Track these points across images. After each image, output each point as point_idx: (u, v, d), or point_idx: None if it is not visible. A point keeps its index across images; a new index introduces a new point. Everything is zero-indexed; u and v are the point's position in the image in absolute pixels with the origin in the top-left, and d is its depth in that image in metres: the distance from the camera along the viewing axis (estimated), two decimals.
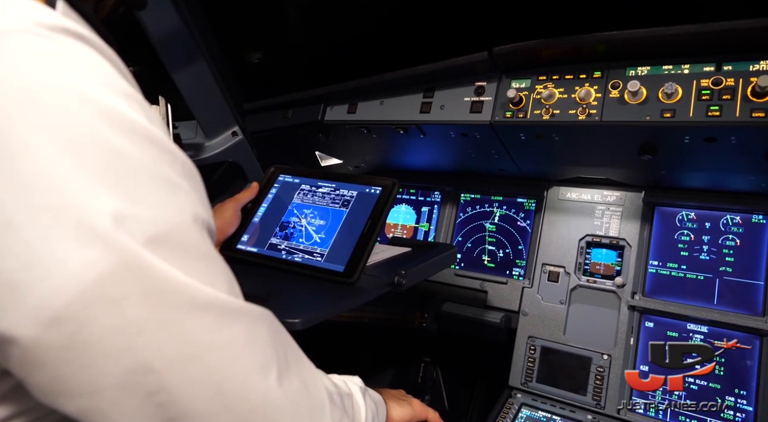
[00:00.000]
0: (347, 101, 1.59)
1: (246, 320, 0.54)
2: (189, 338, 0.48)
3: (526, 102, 1.28)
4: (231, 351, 0.51)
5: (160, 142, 0.51)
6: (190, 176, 0.55)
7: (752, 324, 1.32)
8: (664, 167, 1.33)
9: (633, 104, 1.15)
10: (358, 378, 0.92)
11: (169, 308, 0.47)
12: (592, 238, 1.57)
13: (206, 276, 0.51)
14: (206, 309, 0.50)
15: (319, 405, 0.65)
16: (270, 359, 0.56)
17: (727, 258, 1.41)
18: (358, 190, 1.32)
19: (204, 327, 0.49)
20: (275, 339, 0.59)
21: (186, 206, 0.51)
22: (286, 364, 0.59)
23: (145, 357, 0.46)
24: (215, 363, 0.50)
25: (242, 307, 0.54)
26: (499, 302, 1.65)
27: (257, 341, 0.55)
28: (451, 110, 1.39)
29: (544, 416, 1.42)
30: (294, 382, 0.59)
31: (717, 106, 1.06)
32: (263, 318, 0.58)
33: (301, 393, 0.60)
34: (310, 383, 0.64)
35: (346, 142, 1.71)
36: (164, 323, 0.47)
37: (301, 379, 0.62)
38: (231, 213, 1.26)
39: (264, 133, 1.79)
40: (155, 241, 0.47)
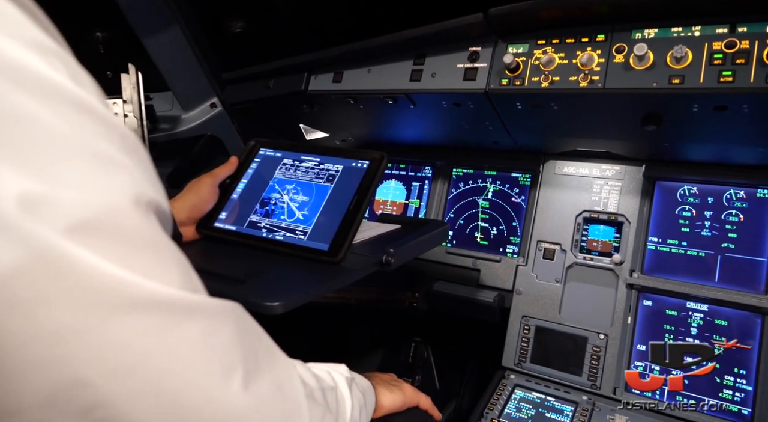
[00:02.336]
0: (332, 69, 1.49)
1: (203, 318, 0.46)
2: (129, 343, 0.40)
3: (523, 68, 1.20)
4: (184, 355, 0.44)
5: (91, 108, 0.42)
6: (133, 151, 0.45)
7: (754, 302, 1.27)
8: (668, 139, 1.26)
9: (639, 70, 1.06)
10: (345, 368, 0.85)
11: (100, 309, 0.39)
12: (590, 214, 1.50)
13: (151, 269, 0.42)
14: (150, 308, 0.41)
15: (295, 407, 0.58)
16: (234, 361, 0.48)
17: (730, 234, 1.35)
18: (344, 164, 1.24)
19: (148, 329, 0.41)
20: (242, 337, 0.51)
21: (125, 185, 0.42)
22: (255, 365, 0.52)
23: (73, 369, 0.38)
24: (164, 370, 0.42)
25: (198, 303, 0.46)
26: (492, 280, 1.59)
27: (217, 341, 0.47)
28: (443, 78, 1.30)
29: (538, 397, 1.38)
30: (264, 385, 0.52)
31: (730, 71, 0.98)
32: (227, 314, 0.50)
33: (272, 396, 0.53)
34: (285, 382, 0.57)
35: (332, 113, 1.62)
36: (95, 327, 0.38)
37: (273, 380, 0.55)
38: (207, 189, 1.17)
39: (244, 104, 1.68)
40: (80, 228, 0.38)
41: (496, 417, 1.30)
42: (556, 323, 1.47)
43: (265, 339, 0.58)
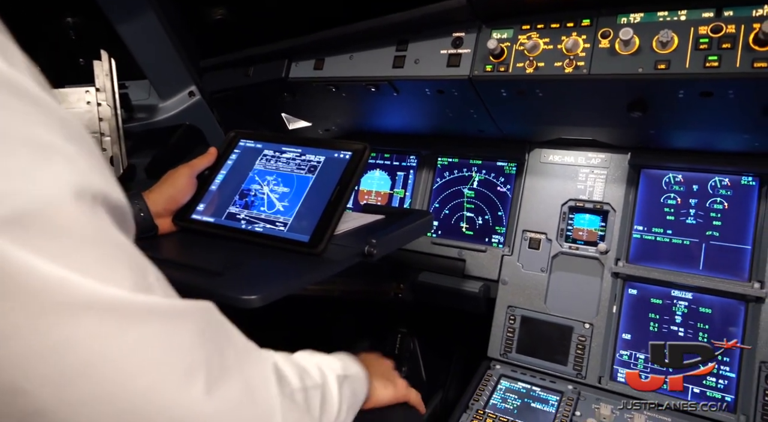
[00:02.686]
0: (313, 56, 1.45)
1: (157, 321, 0.43)
2: (70, 348, 0.37)
3: (508, 54, 1.17)
4: (136, 359, 0.41)
5: (24, 91, 0.38)
6: (76, 138, 0.42)
7: (738, 290, 1.27)
8: (653, 126, 1.25)
9: (624, 55, 1.04)
10: (339, 364, 0.81)
11: (33, 311, 0.35)
12: (575, 203, 1.49)
13: (94, 267, 0.39)
14: (96, 310, 0.38)
15: (267, 411, 0.55)
16: (194, 365, 0.45)
17: (715, 222, 1.35)
18: (326, 155, 1.22)
19: (93, 333, 0.38)
20: (204, 340, 0.48)
21: (64, 175, 0.39)
22: (221, 368, 0.49)
23: (7, 375, 0.35)
24: (113, 376, 0.39)
25: (151, 305, 0.43)
26: (477, 271, 1.58)
27: (175, 344, 0.44)
28: (427, 64, 1.27)
29: (524, 387, 1.37)
30: (231, 388, 0.49)
31: (716, 56, 0.97)
32: (186, 316, 0.47)
33: (240, 401, 0.50)
34: (257, 385, 0.54)
35: (314, 102, 1.58)
36: (29, 331, 0.35)
37: (243, 382, 0.52)
38: (185, 180, 1.14)
39: (224, 93, 1.64)
40: (11, 223, 0.35)
41: (481, 408, 1.29)
42: (541, 313, 1.46)
43: (236, 339, 0.55)
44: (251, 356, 0.57)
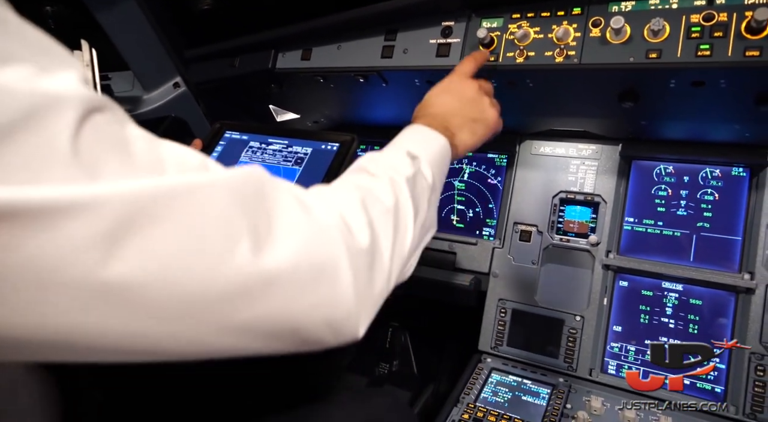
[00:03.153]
0: (300, 46, 1.42)
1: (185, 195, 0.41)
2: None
3: (498, 43, 1.15)
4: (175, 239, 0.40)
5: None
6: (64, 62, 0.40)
7: (728, 281, 1.27)
8: (645, 117, 1.24)
9: (615, 44, 1.03)
10: (406, 159, 0.77)
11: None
12: (566, 194, 1.48)
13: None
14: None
15: (329, 266, 0.53)
16: (235, 232, 0.44)
17: (705, 214, 1.34)
18: (313, 147, 1.20)
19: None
20: (247, 206, 0.46)
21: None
22: (269, 230, 0.48)
23: None
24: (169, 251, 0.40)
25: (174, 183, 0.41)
26: (468, 263, 1.57)
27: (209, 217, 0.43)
28: (416, 54, 1.25)
29: (515, 380, 1.36)
30: (283, 248, 0.48)
31: (707, 44, 0.95)
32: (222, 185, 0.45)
33: (295, 260, 0.49)
34: (315, 242, 0.52)
35: (302, 93, 1.55)
36: None
37: (297, 242, 0.50)
38: None
39: (209, 84, 1.60)
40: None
41: (472, 402, 1.28)
42: (532, 305, 1.45)
43: (287, 198, 0.53)
44: (308, 213, 0.54)
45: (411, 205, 0.70)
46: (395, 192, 0.70)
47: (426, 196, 0.75)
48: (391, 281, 0.65)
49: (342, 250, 0.55)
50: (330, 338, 0.56)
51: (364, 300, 0.58)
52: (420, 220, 0.73)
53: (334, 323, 0.54)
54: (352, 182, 0.71)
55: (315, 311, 0.51)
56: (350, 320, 0.56)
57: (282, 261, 0.47)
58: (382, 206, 0.66)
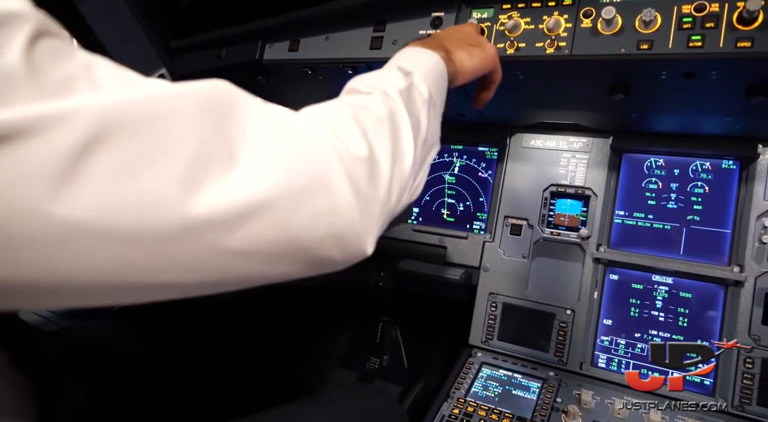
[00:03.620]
0: (288, 37, 1.39)
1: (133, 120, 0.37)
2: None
3: (488, 34, 1.13)
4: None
5: None
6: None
7: (718, 274, 1.27)
8: (636, 109, 1.23)
9: (607, 35, 1.01)
10: (400, 76, 0.73)
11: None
12: (557, 188, 1.47)
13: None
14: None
15: (321, 179, 0.50)
16: (210, 150, 0.41)
17: (695, 207, 1.34)
18: None
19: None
20: (216, 121, 0.43)
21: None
22: (246, 147, 0.44)
23: None
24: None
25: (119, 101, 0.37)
26: (458, 258, 1.56)
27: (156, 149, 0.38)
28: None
29: (505, 374, 1.36)
30: (265, 166, 0.44)
31: (699, 35, 0.94)
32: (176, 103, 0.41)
33: (285, 173, 0.46)
34: (302, 152, 0.49)
35: (290, 85, 1.53)
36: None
37: (282, 154, 0.47)
38: None
39: (195, 76, 1.56)
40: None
41: (462, 396, 1.27)
42: (523, 299, 1.45)
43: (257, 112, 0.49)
44: (289, 124, 0.51)
45: (407, 116, 0.66)
46: (388, 104, 0.66)
47: (424, 109, 0.71)
48: (393, 193, 0.60)
49: (333, 158, 0.51)
50: (338, 253, 0.52)
51: (367, 210, 0.54)
52: (421, 134, 0.68)
53: (339, 235, 0.51)
54: (340, 100, 0.67)
55: (316, 225, 0.48)
56: (355, 231, 0.53)
57: (267, 178, 0.44)
58: (375, 117, 0.62)
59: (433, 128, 0.73)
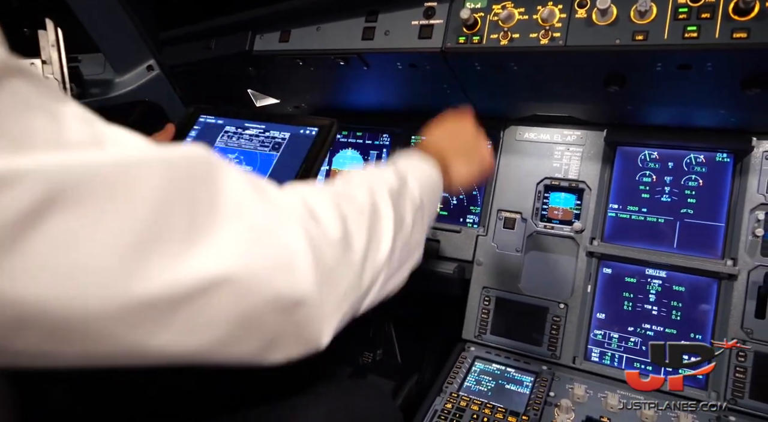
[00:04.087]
0: (279, 28, 1.37)
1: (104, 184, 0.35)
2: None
3: (481, 25, 1.11)
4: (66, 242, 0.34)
5: None
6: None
7: (711, 268, 1.26)
8: (631, 101, 1.21)
9: (601, 25, 1.00)
10: (391, 171, 0.73)
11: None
12: (551, 181, 1.46)
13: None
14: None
15: (283, 261, 0.47)
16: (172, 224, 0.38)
17: (689, 200, 1.33)
18: (291, 131, 1.16)
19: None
20: (181, 194, 0.40)
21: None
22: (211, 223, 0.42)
23: None
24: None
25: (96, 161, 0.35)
26: (452, 251, 1.54)
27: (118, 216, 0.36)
28: (397, 36, 1.21)
29: (498, 369, 1.35)
30: (226, 245, 0.42)
31: (695, 26, 0.93)
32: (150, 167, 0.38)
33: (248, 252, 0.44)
34: (267, 231, 0.46)
35: (281, 77, 1.51)
36: None
37: (245, 230, 0.44)
38: None
39: (185, 67, 1.55)
40: None
41: (455, 391, 1.26)
42: (516, 293, 1.44)
43: (229, 186, 0.45)
44: (261, 197, 0.48)
45: (392, 212, 0.65)
46: (373, 197, 0.65)
47: (411, 212, 0.69)
48: (364, 280, 0.58)
49: (300, 236, 0.48)
50: (293, 337, 0.49)
51: (331, 294, 0.51)
52: (404, 233, 0.66)
53: (296, 317, 0.48)
54: (326, 185, 0.66)
55: (273, 305, 0.45)
56: (311, 317, 0.49)
57: (226, 256, 0.41)
58: (356, 206, 0.61)
59: (418, 233, 0.72)
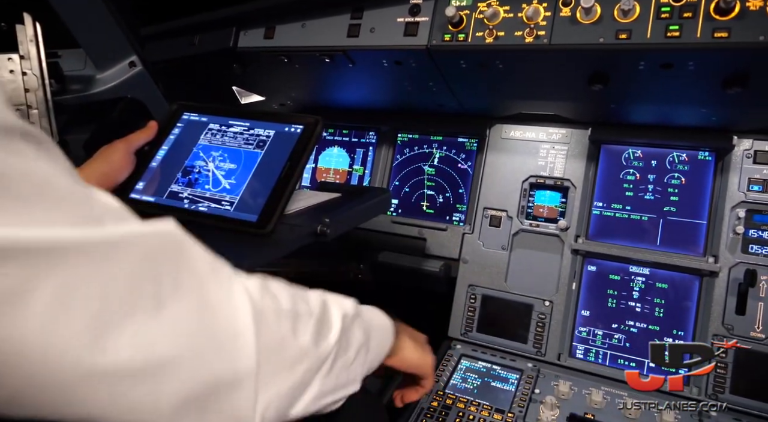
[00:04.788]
0: (263, 24, 1.35)
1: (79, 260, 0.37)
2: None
3: (467, 23, 1.11)
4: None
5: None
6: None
7: (693, 265, 1.28)
8: (614, 100, 1.22)
9: (586, 24, 1.00)
10: (353, 305, 0.74)
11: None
12: (536, 179, 1.47)
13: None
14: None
15: (232, 333, 0.49)
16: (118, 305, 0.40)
17: (672, 198, 1.35)
18: (276, 129, 1.14)
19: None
20: (140, 273, 0.42)
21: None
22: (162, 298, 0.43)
23: None
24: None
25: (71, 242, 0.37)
26: (438, 249, 1.55)
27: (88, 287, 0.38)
28: (383, 33, 1.20)
29: (484, 366, 1.35)
30: (177, 315, 0.44)
31: (677, 25, 0.94)
32: (123, 247, 0.41)
33: (193, 324, 0.45)
34: (219, 305, 0.48)
35: (266, 74, 1.49)
36: None
37: (195, 305, 0.46)
38: (120, 156, 1.05)
39: (168, 64, 1.53)
40: None
41: (441, 389, 1.26)
42: (502, 291, 1.44)
43: (195, 262, 0.49)
44: (217, 276, 0.50)
45: (339, 331, 0.65)
46: (326, 308, 0.65)
47: (357, 343, 0.69)
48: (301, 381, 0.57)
49: (249, 316, 0.50)
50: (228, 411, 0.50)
51: (267, 381, 0.52)
52: (345, 359, 0.66)
53: (232, 405, 0.49)
54: (288, 285, 0.66)
55: (212, 385, 0.47)
56: (247, 399, 0.50)
57: (179, 337, 0.44)
58: (308, 308, 0.61)
59: (358, 367, 0.71)
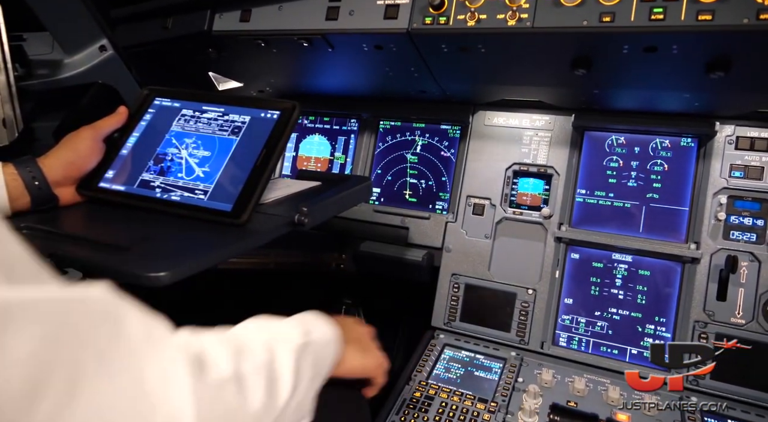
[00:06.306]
0: (239, 7, 1.30)
1: None
2: None
3: (448, 5, 1.08)
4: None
5: None
6: None
7: (675, 251, 1.28)
8: (597, 85, 1.21)
9: (569, 6, 0.98)
10: (299, 329, 0.73)
11: None
12: (519, 167, 1.45)
13: None
14: None
15: (170, 412, 0.46)
16: (37, 378, 0.37)
17: (655, 184, 1.35)
18: (252, 114, 1.10)
19: None
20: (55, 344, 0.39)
21: None
22: (85, 374, 0.40)
23: None
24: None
25: None
26: (421, 238, 1.53)
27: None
28: (362, 16, 1.16)
29: (468, 356, 1.34)
30: (101, 394, 0.41)
31: (661, 8, 0.92)
32: (38, 312, 0.38)
33: (121, 405, 0.42)
34: (153, 382, 0.46)
35: (243, 59, 1.45)
36: None
37: (128, 383, 0.44)
38: (87, 144, 1.00)
39: (140, 48, 1.47)
40: None
41: (424, 379, 1.25)
42: (485, 280, 1.43)
43: (127, 330, 0.46)
44: (151, 346, 0.47)
45: (291, 379, 0.63)
46: (272, 350, 0.64)
47: (306, 380, 0.68)
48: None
49: (187, 393, 0.48)
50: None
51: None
52: (296, 400, 0.65)
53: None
54: (225, 334, 0.64)
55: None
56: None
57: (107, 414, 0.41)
58: (254, 363, 0.59)
59: (308, 400, 0.69)
